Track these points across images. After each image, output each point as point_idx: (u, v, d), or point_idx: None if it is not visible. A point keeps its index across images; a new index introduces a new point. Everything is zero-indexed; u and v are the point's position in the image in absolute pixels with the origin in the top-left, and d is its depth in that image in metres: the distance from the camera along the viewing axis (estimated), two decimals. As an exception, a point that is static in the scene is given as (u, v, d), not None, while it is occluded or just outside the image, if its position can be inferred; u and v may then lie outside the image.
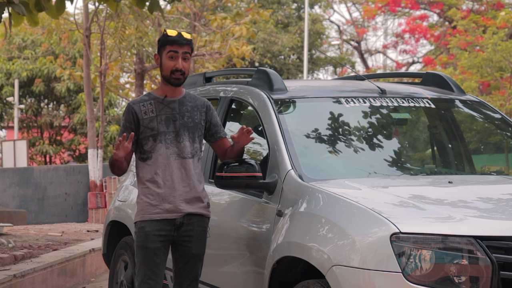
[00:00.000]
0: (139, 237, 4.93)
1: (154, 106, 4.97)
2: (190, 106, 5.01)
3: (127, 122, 4.98)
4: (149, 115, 4.95)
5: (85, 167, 18.02)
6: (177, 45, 4.90)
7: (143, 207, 4.94)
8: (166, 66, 4.93)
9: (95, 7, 17.41)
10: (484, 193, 4.71)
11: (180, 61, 4.90)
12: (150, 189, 4.93)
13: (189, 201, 4.93)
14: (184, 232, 4.93)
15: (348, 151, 5.32)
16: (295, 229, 4.56)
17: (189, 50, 4.95)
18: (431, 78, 6.10)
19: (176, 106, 4.98)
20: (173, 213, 4.91)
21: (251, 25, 23.16)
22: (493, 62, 22.20)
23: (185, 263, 4.98)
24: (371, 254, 4.10)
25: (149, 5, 7.80)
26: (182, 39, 4.91)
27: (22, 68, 28.03)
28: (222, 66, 22.44)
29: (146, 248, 4.90)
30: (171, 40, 4.91)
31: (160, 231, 4.90)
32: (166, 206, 4.90)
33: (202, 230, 4.99)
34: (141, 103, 4.99)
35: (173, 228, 4.92)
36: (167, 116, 4.95)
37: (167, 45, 4.92)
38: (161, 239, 4.90)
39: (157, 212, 4.90)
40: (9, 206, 17.29)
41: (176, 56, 4.91)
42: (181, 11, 23.34)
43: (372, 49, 41.57)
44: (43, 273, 8.10)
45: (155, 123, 4.93)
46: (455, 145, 5.80)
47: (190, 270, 4.99)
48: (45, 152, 28.83)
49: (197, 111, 5.02)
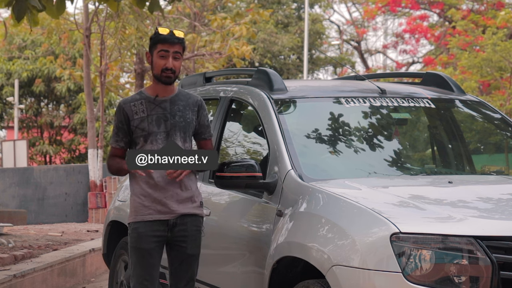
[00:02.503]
0: (133, 238, 4.91)
1: (145, 106, 4.93)
2: (182, 105, 4.97)
3: (119, 122, 4.97)
4: (140, 115, 4.91)
5: (85, 167, 18.02)
6: (168, 44, 4.86)
7: (136, 208, 4.92)
8: (156, 65, 4.89)
9: (95, 7, 17.42)
10: (484, 193, 4.71)
11: (170, 60, 4.87)
12: (142, 189, 4.90)
13: (181, 201, 4.90)
14: (178, 232, 4.91)
15: (348, 151, 5.32)
16: (295, 229, 4.57)
17: (181, 49, 4.90)
18: (431, 78, 6.10)
19: (167, 105, 4.94)
20: (165, 214, 4.88)
21: (251, 25, 23.15)
22: (493, 62, 22.20)
23: (180, 263, 4.96)
24: (371, 254, 4.10)
25: (149, 5, 7.80)
26: (173, 38, 4.87)
27: (22, 68, 28.03)
28: (222, 66, 22.44)
29: (140, 249, 4.87)
30: (162, 39, 4.87)
31: (154, 231, 4.87)
32: (158, 207, 4.87)
33: (196, 229, 4.96)
34: (132, 102, 4.96)
35: (166, 229, 4.89)
36: (158, 116, 4.91)
37: (158, 44, 4.88)
38: (155, 240, 4.88)
39: (150, 213, 4.88)
40: (9, 206, 17.30)
41: (166, 55, 4.87)
42: (181, 11, 23.35)
43: (372, 49, 41.58)
44: (43, 273, 8.10)
45: (146, 123, 4.90)
46: (455, 145, 5.80)
47: (185, 270, 4.97)
48: (45, 152, 28.83)
49: (189, 110, 4.97)
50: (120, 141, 4.96)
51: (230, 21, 21.33)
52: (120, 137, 4.96)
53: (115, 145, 4.97)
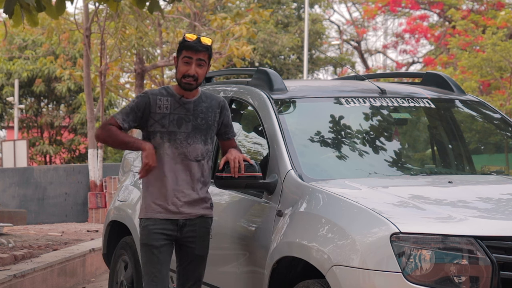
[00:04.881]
0: (143, 235, 4.96)
1: (170, 103, 4.95)
2: (205, 106, 4.99)
3: (136, 107, 4.93)
4: (163, 111, 4.93)
5: (85, 167, 18.02)
6: (192, 51, 4.87)
7: (147, 205, 4.96)
8: (179, 70, 4.92)
9: (95, 7, 17.41)
10: (484, 193, 4.71)
11: (193, 67, 4.88)
12: (154, 187, 4.94)
13: (192, 203, 4.94)
14: (188, 233, 4.95)
15: (348, 151, 5.31)
16: (295, 229, 4.57)
17: (206, 56, 4.90)
18: (431, 78, 6.10)
19: (191, 107, 4.96)
20: (175, 214, 4.92)
21: (251, 25, 23.15)
22: (493, 62, 22.20)
23: (188, 263, 5.01)
24: (371, 254, 4.10)
25: (149, 5, 7.80)
26: (198, 45, 4.87)
27: (23, 68, 28.03)
28: (222, 66, 22.43)
29: (151, 246, 4.91)
30: (187, 45, 4.89)
31: (164, 229, 4.92)
32: (169, 207, 4.91)
33: (205, 230, 5.00)
34: (159, 96, 4.96)
35: (176, 228, 4.93)
36: (180, 116, 4.94)
37: (183, 50, 4.90)
38: (164, 237, 4.92)
39: (160, 212, 4.92)
40: (9, 206, 17.29)
41: (190, 61, 4.89)
42: (181, 11, 23.35)
43: (372, 49, 41.57)
44: (43, 273, 8.10)
45: (167, 121, 4.92)
46: (455, 145, 5.80)
47: (193, 270, 5.01)
48: (45, 152, 28.83)
49: (211, 112, 5.00)
50: (125, 122, 4.93)
51: (230, 21, 21.33)
52: (128, 119, 4.93)
53: (120, 121, 4.91)
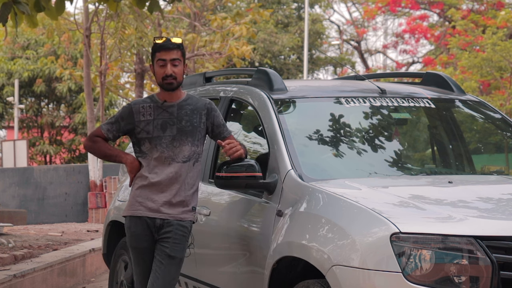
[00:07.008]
0: (128, 238, 5.11)
1: (152, 109, 5.07)
2: (189, 109, 5.07)
3: (120, 117, 5.11)
4: (146, 118, 5.05)
5: (85, 167, 18.02)
6: (163, 51, 4.98)
7: (131, 202, 5.08)
8: (157, 74, 5.05)
9: (95, 7, 17.41)
10: (484, 193, 4.71)
11: (169, 67, 4.99)
12: (140, 186, 5.04)
13: (173, 204, 4.99)
14: (163, 234, 5.00)
15: (348, 151, 5.31)
16: (295, 229, 4.56)
17: (179, 54, 5.01)
18: (431, 78, 6.10)
19: (174, 110, 5.05)
20: (154, 212, 4.99)
21: (251, 25, 23.14)
22: (493, 62, 22.20)
23: (160, 263, 4.98)
24: (371, 254, 4.10)
25: (149, 5, 7.80)
26: (168, 44, 4.99)
27: (23, 68, 28.03)
28: (222, 66, 22.43)
29: (136, 248, 5.06)
30: (158, 47, 5.01)
31: (144, 230, 5.00)
32: (149, 204, 4.99)
33: (181, 234, 4.99)
34: (142, 104, 5.10)
35: (154, 230, 5.00)
36: (164, 121, 5.03)
37: (156, 53, 5.02)
38: (146, 238, 5.01)
39: (139, 209, 5.01)
40: (9, 206, 17.29)
41: (164, 63, 5.00)
42: (181, 11, 23.33)
43: (372, 49, 41.56)
44: (43, 273, 8.10)
45: (151, 127, 5.03)
46: (455, 145, 5.80)
47: (164, 272, 4.95)
48: (45, 152, 28.83)
49: (196, 114, 5.06)
50: (110, 132, 5.11)
51: (230, 21, 21.32)
52: (113, 129, 5.12)
53: (105, 131, 5.11)
